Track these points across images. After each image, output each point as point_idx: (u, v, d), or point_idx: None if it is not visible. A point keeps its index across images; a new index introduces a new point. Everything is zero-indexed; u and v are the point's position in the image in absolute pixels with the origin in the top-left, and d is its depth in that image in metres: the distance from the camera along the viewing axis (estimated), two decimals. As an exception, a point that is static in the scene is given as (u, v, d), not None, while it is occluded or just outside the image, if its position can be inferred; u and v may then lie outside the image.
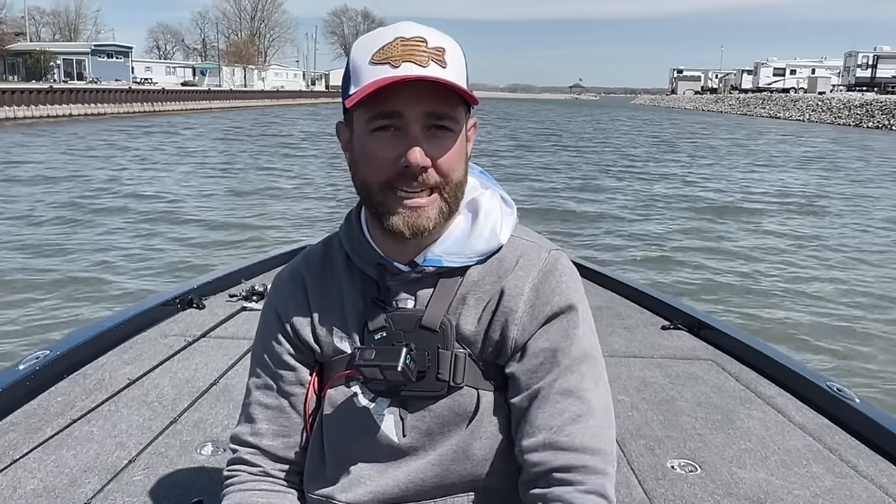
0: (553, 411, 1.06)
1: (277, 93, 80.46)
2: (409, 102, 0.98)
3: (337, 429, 1.15)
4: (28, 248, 9.49)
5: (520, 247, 1.13)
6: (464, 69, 1.05)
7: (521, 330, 1.09)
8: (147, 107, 46.93)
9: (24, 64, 61.96)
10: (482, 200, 1.13)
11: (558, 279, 1.11)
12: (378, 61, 1.00)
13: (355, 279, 1.14)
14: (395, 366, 1.05)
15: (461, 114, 1.04)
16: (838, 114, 57.27)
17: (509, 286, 1.10)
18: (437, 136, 1.01)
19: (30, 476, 1.97)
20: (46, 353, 2.55)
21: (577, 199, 15.11)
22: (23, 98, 34.44)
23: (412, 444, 1.12)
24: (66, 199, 13.24)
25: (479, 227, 1.10)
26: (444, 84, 0.98)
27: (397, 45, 1.00)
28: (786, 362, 2.83)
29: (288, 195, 15.07)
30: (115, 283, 8.00)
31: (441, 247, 1.10)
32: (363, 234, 1.13)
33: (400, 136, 1.00)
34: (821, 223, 12.89)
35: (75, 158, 20.18)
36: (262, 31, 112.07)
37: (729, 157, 25.13)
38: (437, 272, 1.10)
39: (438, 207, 1.04)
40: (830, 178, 19.68)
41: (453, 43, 1.04)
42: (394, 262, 1.11)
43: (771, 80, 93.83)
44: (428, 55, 1.00)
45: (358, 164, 1.06)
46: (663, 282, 8.39)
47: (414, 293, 1.11)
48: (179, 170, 18.78)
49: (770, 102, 72.93)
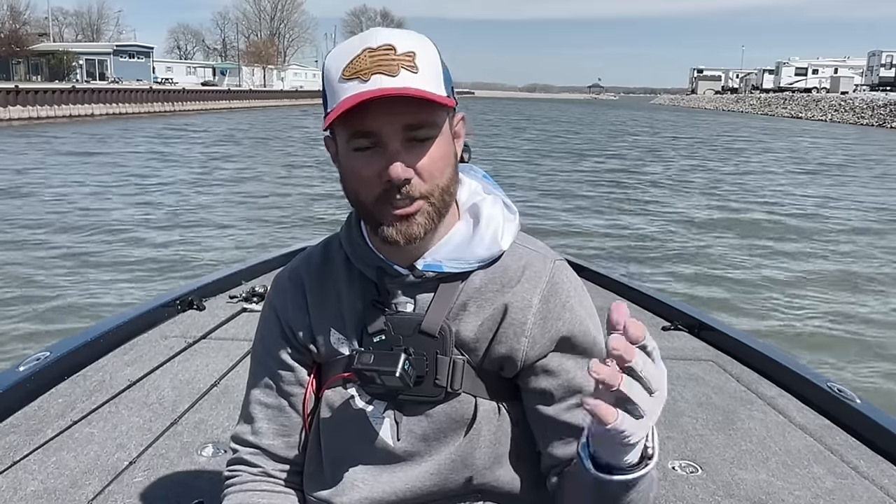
0: (572, 441, 1.08)
1: (296, 92, 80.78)
2: (384, 118, 0.97)
3: (333, 430, 1.15)
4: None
5: (524, 256, 1.12)
6: (439, 69, 1.02)
7: (531, 342, 1.08)
8: (167, 106, 47.31)
9: (48, 64, 62.77)
10: (484, 206, 1.12)
11: (567, 293, 1.11)
12: (348, 77, 0.97)
13: (354, 281, 1.13)
14: (394, 371, 1.04)
15: (440, 117, 1.02)
16: (861, 114, 56.54)
17: (516, 299, 1.09)
18: (418, 146, 0.99)
19: (30, 478, 1.98)
20: (47, 354, 2.55)
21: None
22: (46, 98, 34.89)
23: (407, 448, 1.11)
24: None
25: (481, 232, 1.09)
26: (418, 96, 0.96)
27: (365, 57, 0.97)
28: (786, 363, 2.82)
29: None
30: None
31: (441, 252, 1.09)
32: (362, 237, 1.13)
33: (380, 152, 0.99)
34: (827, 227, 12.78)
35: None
36: (281, 31, 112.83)
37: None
38: (437, 277, 1.09)
39: (427, 213, 1.03)
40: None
41: (425, 43, 1.01)
42: (393, 265, 1.10)
43: (793, 79, 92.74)
44: (397, 62, 0.96)
45: (346, 180, 1.05)
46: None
47: (413, 297, 1.10)
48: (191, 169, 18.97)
49: (792, 102, 72.15)
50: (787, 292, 8.25)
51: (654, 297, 3.69)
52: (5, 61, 60.57)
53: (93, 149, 22.98)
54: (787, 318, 7.32)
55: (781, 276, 8.97)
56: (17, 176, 16.28)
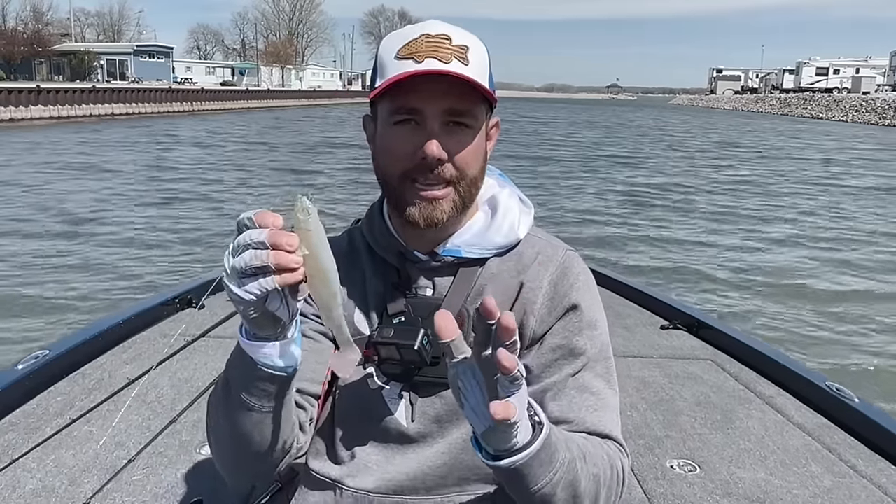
0: (569, 403, 1.08)
1: (314, 92, 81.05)
2: (429, 98, 1.02)
3: (348, 408, 1.17)
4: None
5: (537, 244, 1.16)
6: (486, 68, 1.07)
7: (539, 322, 1.11)
8: (186, 106, 47.67)
9: (69, 64, 63.45)
10: (501, 197, 1.17)
11: (575, 276, 1.14)
12: (403, 56, 1.02)
13: (378, 266, 1.17)
14: (413, 344, 1.07)
15: (481, 111, 1.07)
16: (883, 114, 55.82)
17: (528, 280, 1.13)
18: (456, 131, 1.04)
19: (29, 476, 2.00)
20: (46, 352, 2.57)
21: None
22: (66, 97, 35.27)
23: (420, 430, 1.13)
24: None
25: (498, 221, 1.14)
26: (464, 80, 1.01)
27: (422, 41, 1.02)
28: (785, 362, 2.81)
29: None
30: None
31: (461, 238, 1.13)
32: (384, 224, 1.17)
33: (419, 129, 1.03)
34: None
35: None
36: (299, 31, 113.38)
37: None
38: (456, 262, 1.13)
39: (453, 201, 1.07)
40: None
41: (478, 42, 1.07)
42: (414, 251, 1.14)
43: (813, 79, 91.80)
44: (451, 52, 1.02)
45: (379, 155, 1.09)
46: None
47: (433, 281, 1.14)
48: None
49: (812, 103, 71.35)
50: (788, 291, 8.23)
51: (653, 295, 3.69)
52: (28, 61, 61.35)
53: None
54: (788, 317, 7.28)
55: (781, 277, 8.93)
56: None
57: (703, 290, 8.30)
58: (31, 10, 70.18)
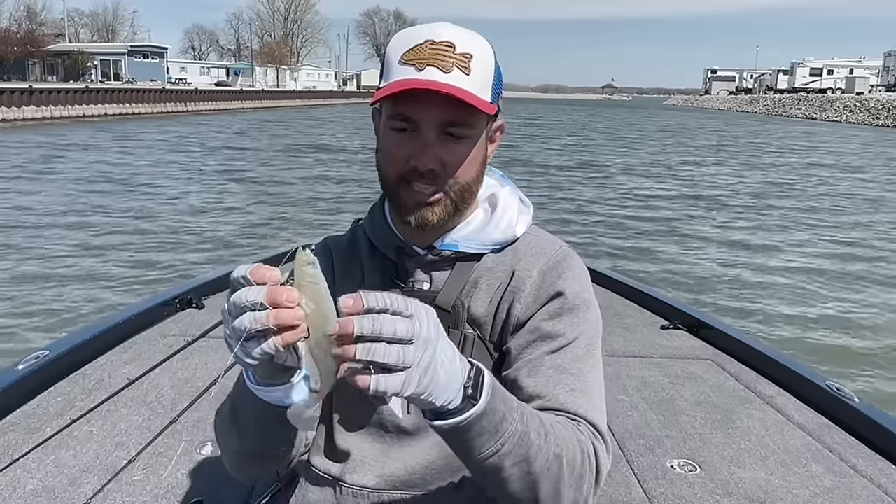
0: (545, 381, 1.05)
1: (309, 93, 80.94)
2: (426, 109, 1.02)
3: (345, 402, 1.17)
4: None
5: (534, 241, 1.18)
6: (490, 76, 1.06)
7: (524, 309, 1.11)
8: (180, 106, 47.61)
9: (63, 65, 63.33)
10: (501, 195, 1.18)
11: (566, 268, 1.14)
12: (406, 61, 1.03)
13: (376, 261, 1.19)
14: None
15: (478, 120, 1.06)
16: (877, 115, 56.14)
17: (519, 269, 1.14)
18: (451, 141, 1.05)
19: (29, 476, 1.99)
20: (46, 353, 2.56)
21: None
22: (59, 98, 35.19)
23: (416, 422, 1.13)
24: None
25: (497, 218, 1.15)
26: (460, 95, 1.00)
27: (426, 47, 1.02)
28: (785, 362, 2.82)
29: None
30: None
31: (459, 234, 1.14)
32: (385, 220, 1.19)
33: (415, 137, 1.04)
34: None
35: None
36: (294, 31, 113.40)
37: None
38: (453, 257, 1.14)
39: (444, 205, 1.08)
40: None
41: (484, 47, 1.06)
42: (413, 246, 1.15)
43: (808, 80, 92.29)
44: (454, 61, 1.02)
45: (380, 153, 1.11)
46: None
47: (430, 275, 1.15)
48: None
49: (806, 103, 71.70)
50: (788, 291, 8.25)
51: (653, 295, 3.69)
52: (22, 62, 61.13)
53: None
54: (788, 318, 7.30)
55: (783, 275, 8.95)
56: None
57: (704, 290, 8.32)
58: (24, 10, 70.07)
